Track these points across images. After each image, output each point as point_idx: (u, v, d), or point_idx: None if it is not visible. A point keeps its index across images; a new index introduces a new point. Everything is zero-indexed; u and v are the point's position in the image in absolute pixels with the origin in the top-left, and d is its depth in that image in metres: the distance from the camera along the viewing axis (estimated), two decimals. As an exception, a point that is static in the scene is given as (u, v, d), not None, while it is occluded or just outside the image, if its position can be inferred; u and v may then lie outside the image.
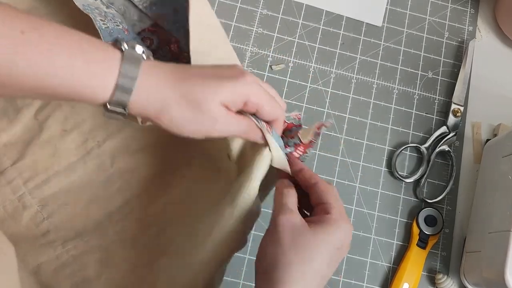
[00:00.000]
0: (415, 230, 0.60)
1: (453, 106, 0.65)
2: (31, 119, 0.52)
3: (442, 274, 0.59)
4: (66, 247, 0.49)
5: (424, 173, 0.63)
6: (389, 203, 0.62)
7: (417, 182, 0.63)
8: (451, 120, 0.65)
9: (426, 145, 0.64)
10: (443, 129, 0.64)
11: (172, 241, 0.41)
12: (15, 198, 0.50)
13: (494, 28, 0.70)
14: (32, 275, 0.47)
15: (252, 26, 0.67)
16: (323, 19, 0.68)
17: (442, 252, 0.61)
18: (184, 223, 0.47)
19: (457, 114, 0.65)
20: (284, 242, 0.36)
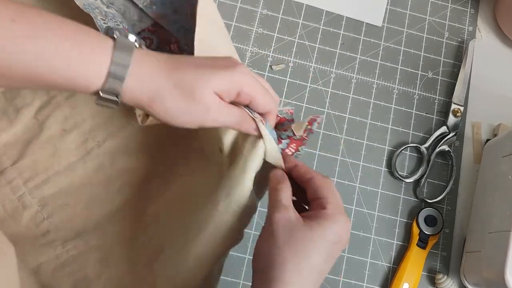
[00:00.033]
0: (415, 230, 0.60)
1: (453, 106, 0.65)
2: (31, 119, 0.52)
3: (442, 274, 0.59)
4: (66, 247, 0.49)
5: (424, 173, 0.63)
6: (389, 203, 0.62)
7: (417, 182, 0.63)
8: (451, 120, 0.65)
9: (426, 145, 0.64)
10: (443, 129, 0.64)
11: (170, 239, 0.41)
12: (15, 198, 0.50)
13: (494, 28, 0.70)
14: (32, 275, 0.47)
15: (252, 26, 0.67)
16: (323, 19, 0.68)
17: (442, 252, 0.61)
18: (181, 220, 0.47)
19: (457, 114, 0.65)
20: (279, 239, 0.36)
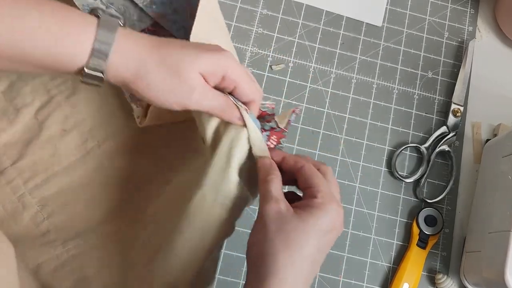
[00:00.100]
0: (415, 230, 0.60)
1: (453, 106, 0.65)
2: (31, 119, 0.52)
3: (442, 274, 0.59)
4: (66, 246, 0.49)
5: (424, 173, 0.63)
6: (389, 203, 0.62)
7: (417, 182, 0.63)
8: (451, 120, 0.65)
9: (426, 145, 0.64)
10: (443, 129, 0.64)
11: (168, 237, 0.41)
12: (15, 198, 0.50)
13: (494, 28, 0.70)
14: (32, 275, 0.47)
15: (252, 26, 0.67)
16: (323, 19, 0.68)
17: (442, 252, 0.61)
18: (176, 217, 0.47)
19: (457, 114, 0.65)
20: (270, 232, 0.35)
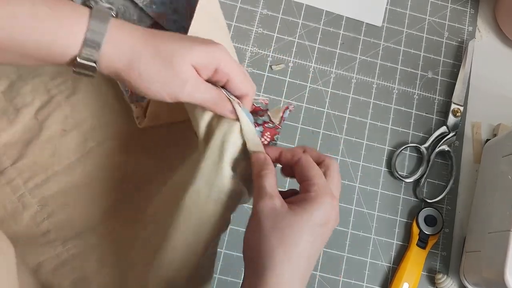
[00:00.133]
0: (415, 230, 0.60)
1: (453, 106, 0.65)
2: (31, 119, 0.52)
3: (442, 274, 0.59)
4: (66, 246, 0.49)
5: (424, 173, 0.63)
6: (389, 203, 0.62)
7: (417, 182, 0.63)
8: (451, 120, 0.65)
9: (426, 145, 0.64)
10: (443, 129, 0.64)
11: (166, 236, 0.41)
12: (15, 198, 0.50)
13: (494, 28, 0.70)
14: (32, 274, 0.47)
15: (252, 26, 0.67)
16: (323, 19, 0.68)
17: (442, 252, 0.61)
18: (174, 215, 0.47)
19: (457, 114, 0.65)
20: (265, 229, 0.35)
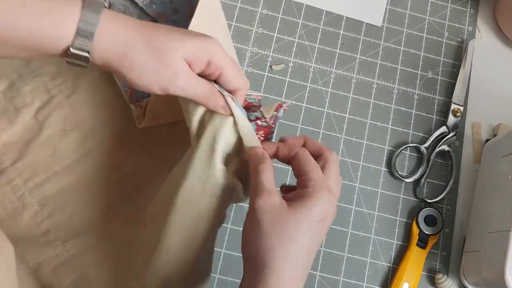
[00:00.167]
0: (415, 230, 0.60)
1: (453, 106, 0.65)
2: (31, 119, 0.52)
3: (442, 274, 0.59)
4: (66, 246, 0.49)
5: (424, 173, 0.63)
6: (389, 203, 0.62)
7: (417, 182, 0.63)
8: (451, 120, 0.65)
9: (426, 145, 0.64)
10: (443, 129, 0.64)
11: (162, 231, 0.41)
12: (15, 198, 0.50)
13: (494, 28, 0.70)
14: (32, 274, 0.47)
15: (252, 26, 0.67)
16: (323, 19, 0.68)
17: (442, 252, 0.61)
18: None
19: (457, 114, 0.65)
20: (264, 227, 0.35)
